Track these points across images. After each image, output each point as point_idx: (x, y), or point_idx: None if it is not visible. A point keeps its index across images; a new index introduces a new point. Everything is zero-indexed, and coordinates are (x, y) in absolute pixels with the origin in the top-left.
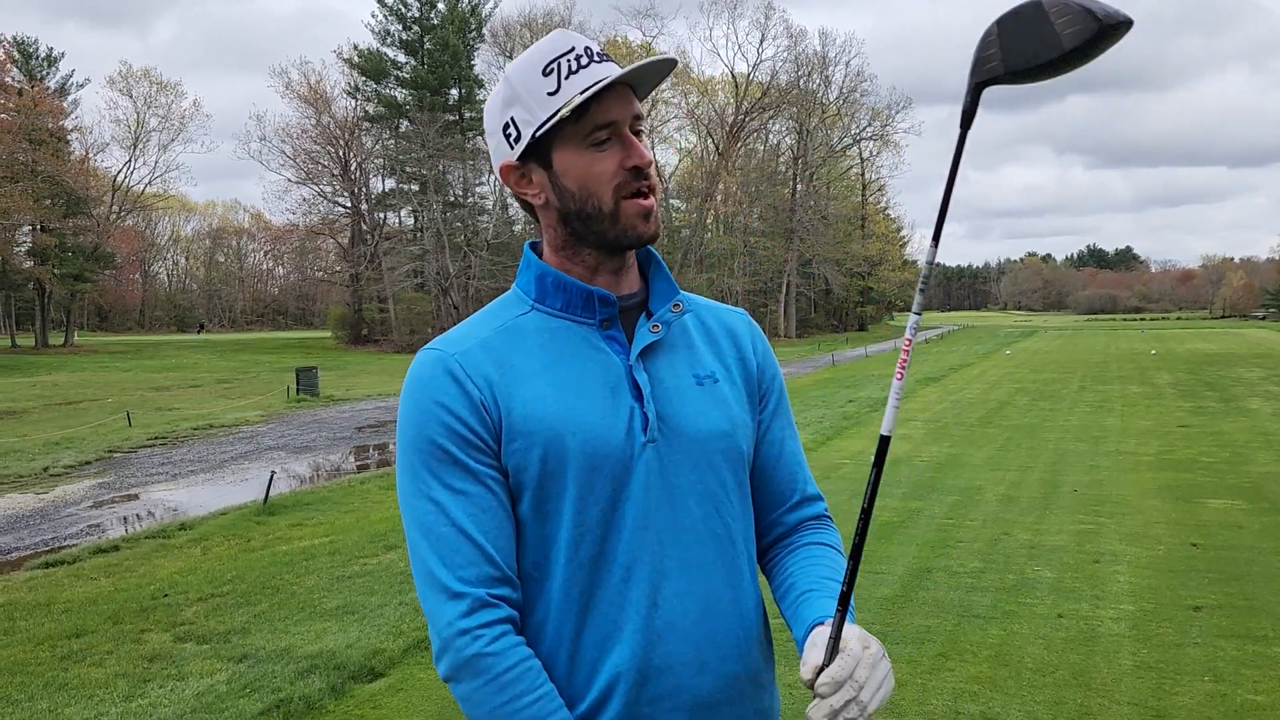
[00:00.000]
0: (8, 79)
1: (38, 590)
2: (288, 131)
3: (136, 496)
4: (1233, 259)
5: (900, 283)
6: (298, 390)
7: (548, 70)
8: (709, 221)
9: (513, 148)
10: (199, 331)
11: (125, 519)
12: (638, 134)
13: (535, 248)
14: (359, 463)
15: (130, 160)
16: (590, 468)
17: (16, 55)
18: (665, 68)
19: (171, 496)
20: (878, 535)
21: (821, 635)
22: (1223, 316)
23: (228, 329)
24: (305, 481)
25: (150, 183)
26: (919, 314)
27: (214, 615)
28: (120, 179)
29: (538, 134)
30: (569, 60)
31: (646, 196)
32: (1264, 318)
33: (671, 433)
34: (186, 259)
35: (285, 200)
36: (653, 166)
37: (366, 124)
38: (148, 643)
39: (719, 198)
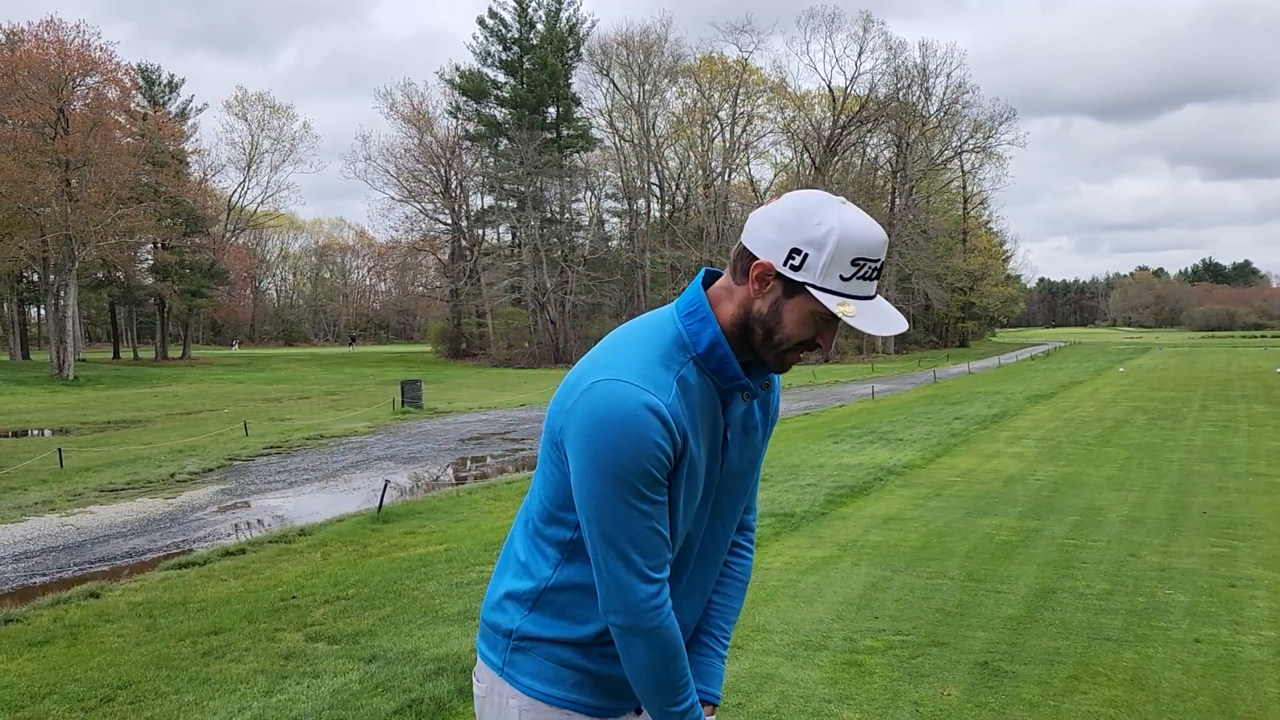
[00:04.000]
0: (132, 104)
1: (173, 590)
2: (391, 151)
3: (256, 504)
4: None
5: (1004, 298)
6: (403, 403)
7: (857, 262)
8: None
9: (785, 264)
10: (350, 344)
11: (249, 524)
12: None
13: (709, 283)
14: (465, 474)
15: (244, 181)
16: (692, 493)
17: (141, 82)
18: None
19: (288, 503)
20: (996, 554)
21: None
22: None
23: (332, 343)
24: (414, 492)
25: (262, 202)
26: None
27: (341, 617)
28: (234, 199)
29: (807, 286)
30: (869, 267)
31: (791, 358)
32: None
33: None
34: (294, 275)
35: (389, 218)
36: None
37: (467, 143)
38: (282, 641)
39: None
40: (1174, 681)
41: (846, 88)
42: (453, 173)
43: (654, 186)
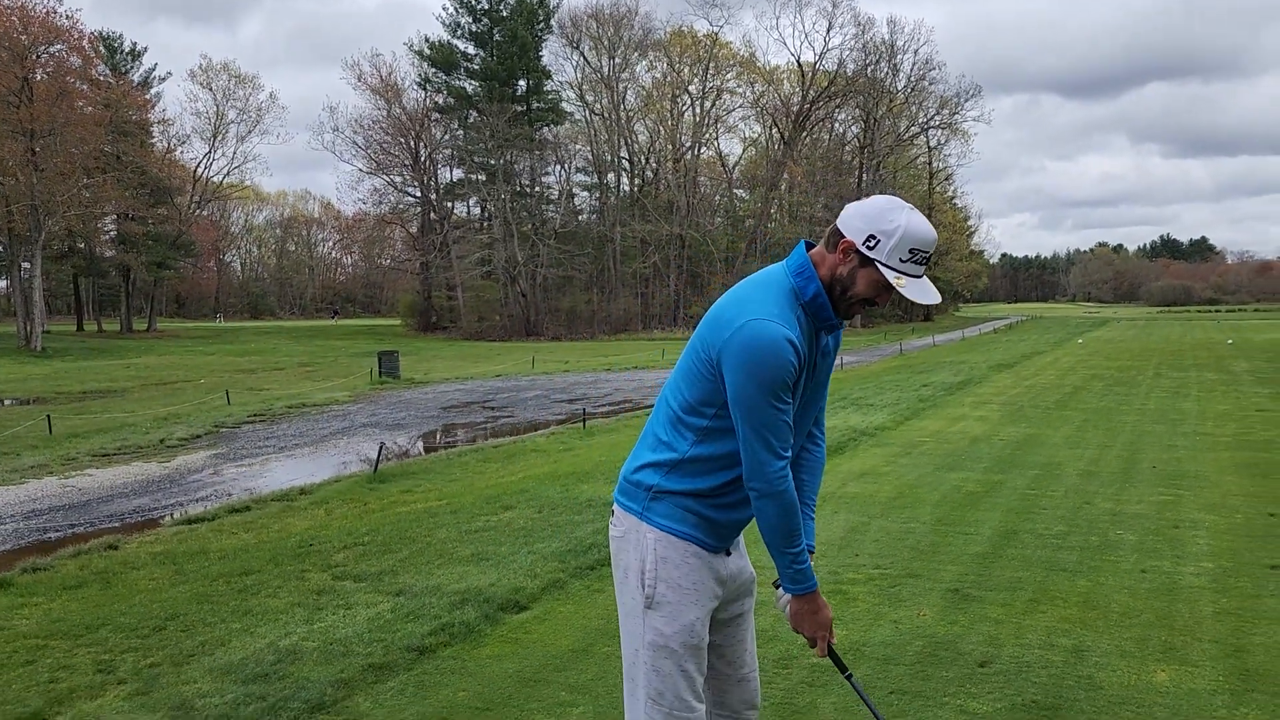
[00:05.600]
0: (94, 73)
1: (188, 542)
2: (360, 123)
3: (252, 465)
4: None
5: (968, 273)
6: (380, 373)
7: (913, 251)
8: (773, 211)
9: (864, 244)
10: (334, 317)
11: (248, 486)
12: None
13: (810, 251)
14: (451, 439)
15: (210, 152)
16: (799, 398)
17: (103, 50)
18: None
19: (283, 466)
20: (964, 503)
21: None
22: None
23: (298, 316)
24: (404, 455)
25: (228, 173)
26: None
27: (362, 560)
28: (200, 170)
29: (875, 261)
30: (921, 255)
31: (860, 308)
32: None
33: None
34: (259, 248)
35: (358, 190)
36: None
37: (436, 115)
38: (310, 580)
39: (784, 187)
40: (1122, 603)
41: (815, 63)
42: (422, 145)
43: (624, 160)
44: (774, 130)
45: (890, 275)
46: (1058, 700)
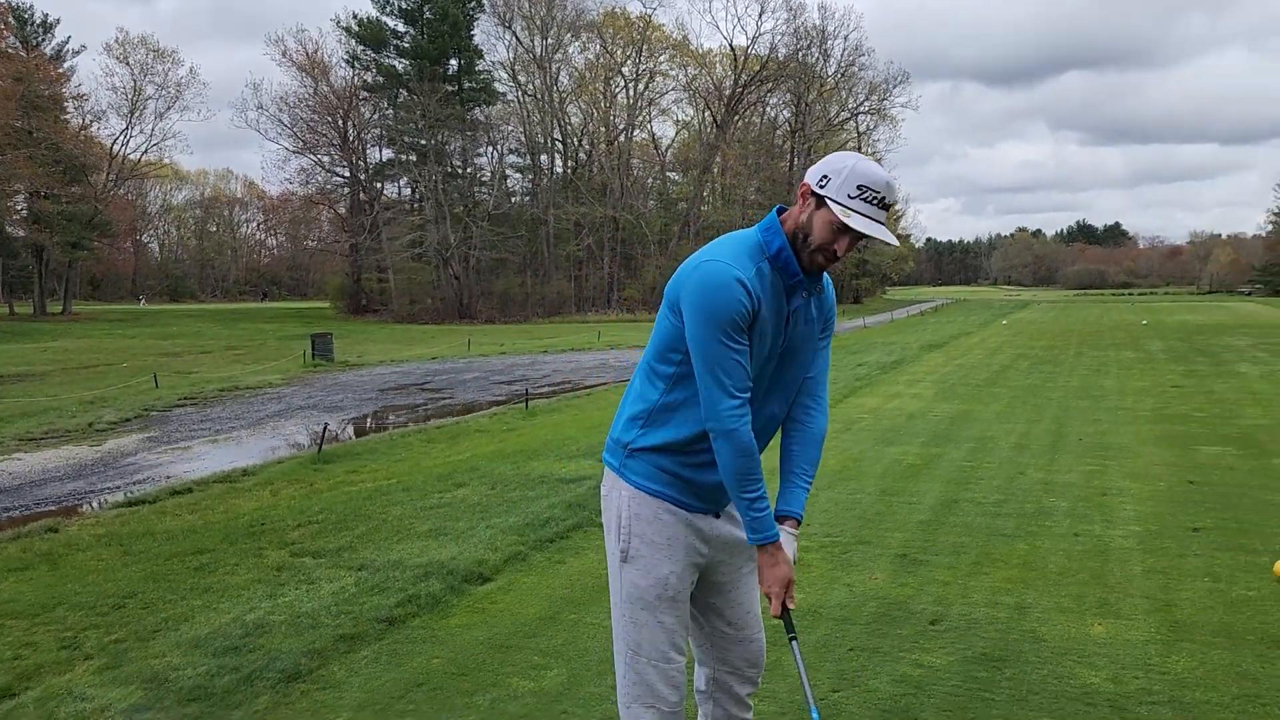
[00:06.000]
0: (3, 45)
1: (131, 524)
2: (285, 100)
3: (188, 448)
4: (1220, 235)
5: (895, 256)
6: (313, 355)
7: (861, 187)
8: (706, 194)
9: (817, 184)
10: (263, 299)
11: (187, 469)
12: (854, 243)
13: (781, 215)
14: (393, 420)
15: (127, 128)
16: (762, 347)
17: (11, 21)
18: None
19: (221, 449)
20: (905, 475)
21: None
22: (1209, 292)
23: (221, 299)
24: (347, 437)
25: (146, 151)
26: None
27: (318, 537)
28: (116, 147)
29: (827, 199)
30: (871, 194)
31: (824, 260)
32: (1250, 293)
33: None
34: (178, 229)
35: (284, 170)
36: (843, 256)
37: (365, 93)
38: (268, 557)
39: (717, 170)
40: (1058, 564)
41: (748, 47)
42: (350, 124)
43: (557, 142)
44: (706, 113)
45: (838, 210)
46: (1005, 653)
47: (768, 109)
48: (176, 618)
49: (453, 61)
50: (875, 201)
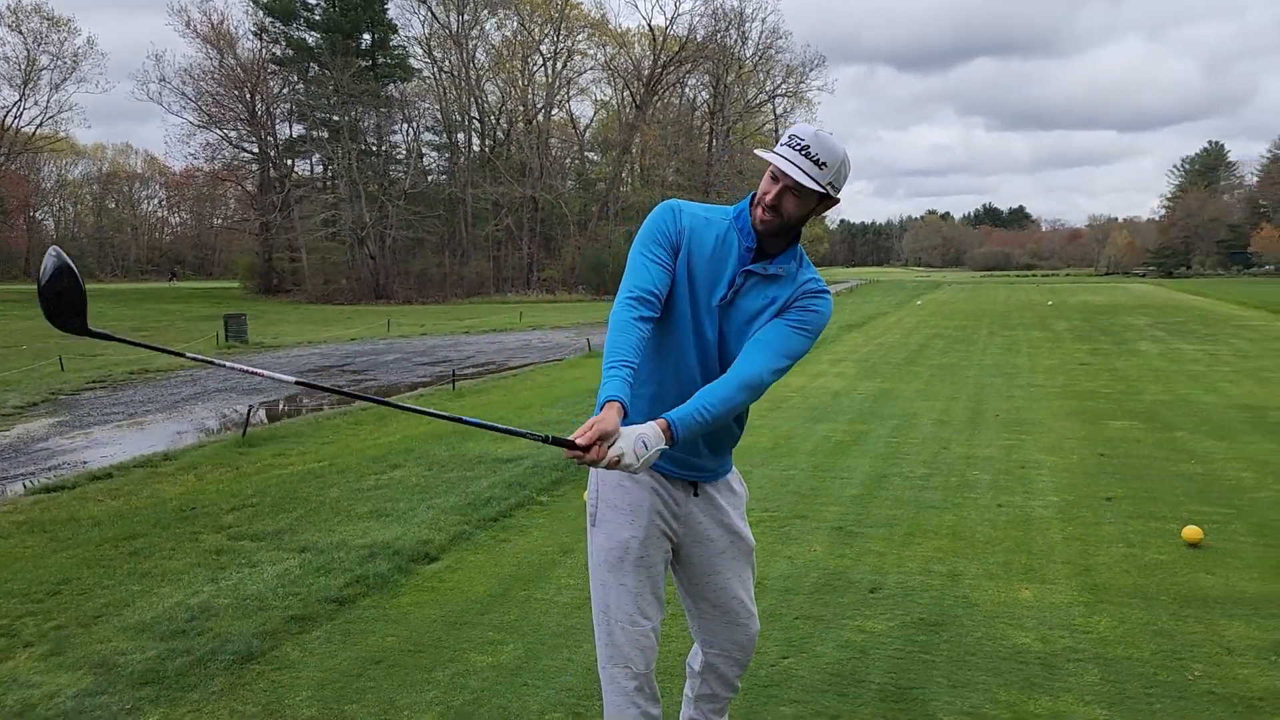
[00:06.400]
0: None
1: (51, 510)
2: (189, 73)
3: (103, 432)
4: (1117, 219)
5: (811, 238)
6: (226, 337)
7: (791, 138)
8: (625, 175)
9: (766, 151)
10: (171, 279)
11: (104, 454)
12: (794, 194)
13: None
14: (316, 403)
15: (20, 100)
16: (690, 283)
17: None
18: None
19: (138, 433)
20: (835, 451)
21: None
22: (1107, 273)
23: (122, 278)
24: (260, 421)
25: (40, 124)
26: None
27: (255, 520)
28: (8, 120)
29: (764, 156)
30: (797, 141)
31: (764, 212)
32: (1144, 275)
33: (727, 309)
34: (74, 205)
35: (188, 145)
36: (780, 204)
37: (274, 67)
38: (205, 541)
39: (636, 150)
40: (984, 533)
41: (666, 28)
42: (259, 98)
43: (474, 120)
44: (625, 94)
45: (762, 152)
46: (941, 617)
47: (686, 90)
48: (117, 603)
49: (366, 36)
50: (800, 149)
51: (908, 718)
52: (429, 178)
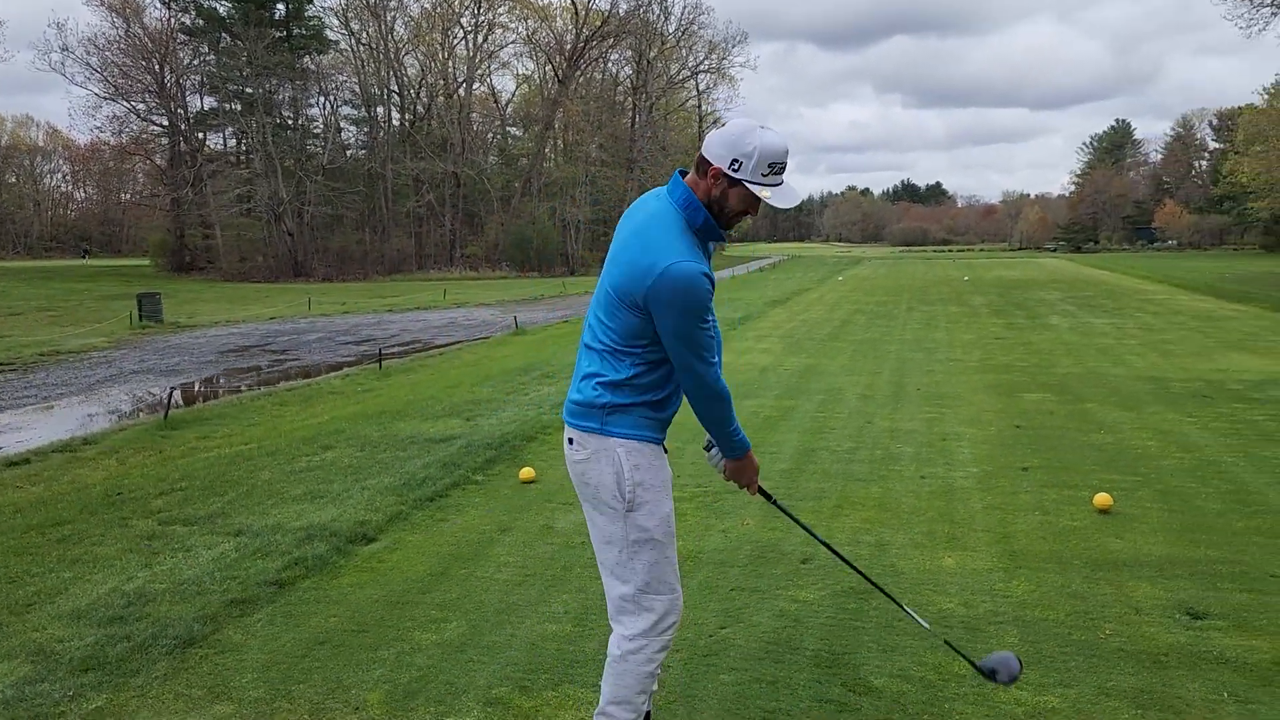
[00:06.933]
0: None
1: None
2: (94, 42)
3: (15, 417)
4: (1029, 195)
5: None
6: (140, 317)
7: (772, 164)
8: (548, 150)
9: (728, 168)
10: (84, 256)
11: (18, 439)
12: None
13: (685, 179)
14: (240, 383)
15: None
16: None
17: None
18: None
19: (52, 417)
20: (764, 427)
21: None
22: (1020, 248)
23: (24, 256)
24: (192, 401)
25: None
26: None
27: (185, 505)
28: None
29: (742, 181)
30: (779, 166)
31: (735, 218)
32: (1055, 250)
33: None
34: None
35: (94, 118)
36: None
37: (184, 37)
38: (135, 527)
39: (559, 126)
40: (909, 504)
41: (589, 2)
42: (168, 69)
43: (394, 94)
44: (548, 68)
45: (755, 189)
46: (870, 586)
47: (609, 65)
48: (49, 590)
49: (280, 5)
50: (780, 170)
51: (840, 681)
52: (348, 153)
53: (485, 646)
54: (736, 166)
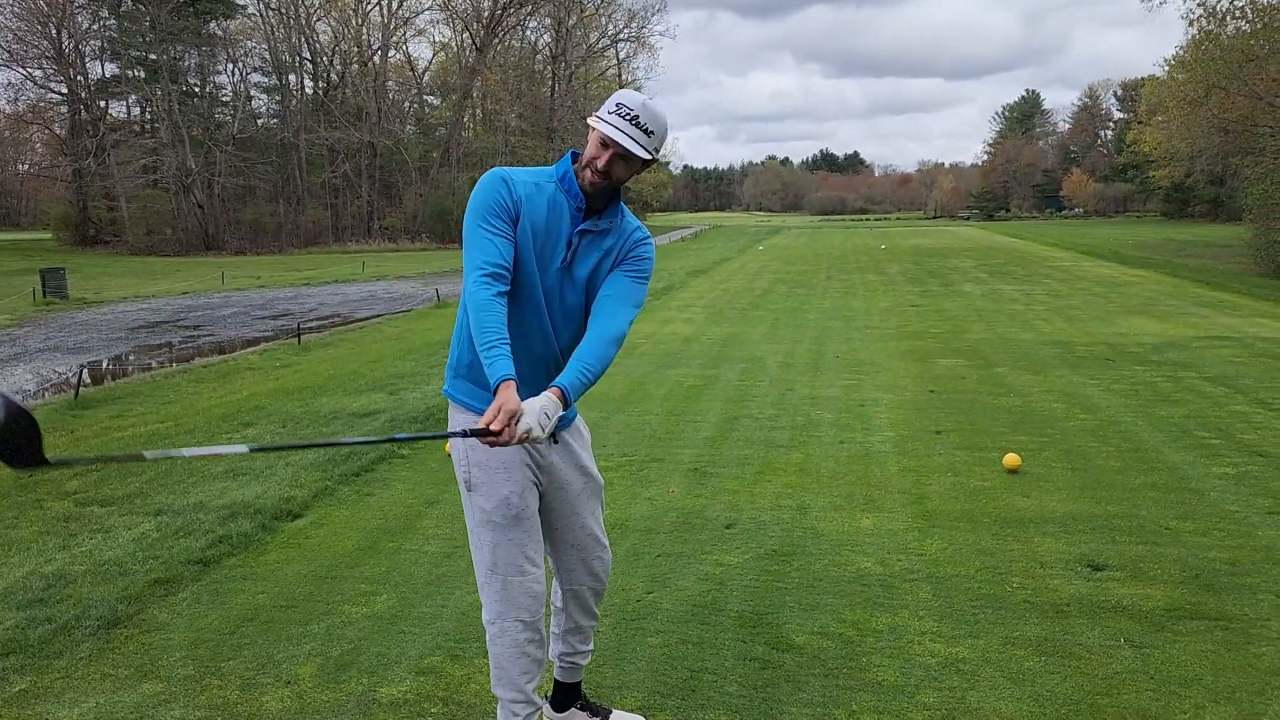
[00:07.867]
0: None
1: None
2: None
3: None
4: (944, 164)
5: (655, 183)
6: (44, 293)
7: (619, 105)
8: (467, 120)
9: (593, 117)
10: None
11: None
12: (623, 159)
13: (574, 156)
14: (152, 360)
15: None
16: (529, 250)
17: None
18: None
19: None
20: (686, 396)
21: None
22: (935, 217)
23: None
24: (101, 380)
25: None
26: None
27: (102, 485)
28: None
29: (593, 120)
30: (625, 110)
31: (594, 176)
32: (969, 218)
33: (568, 270)
34: None
35: None
36: (610, 169)
37: (82, 0)
38: (51, 509)
39: (477, 95)
40: (829, 469)
41: None
42: (66, 34)
43: (306, 61)
44: (465, 36)
45: (596, 123)
46: (791, 548)
47: (528, 33)
48: None
49: None
50: (629, 118)
51: (764, 640)
52: (259, 122)
53: (416, 618)
54: (597, 111)
